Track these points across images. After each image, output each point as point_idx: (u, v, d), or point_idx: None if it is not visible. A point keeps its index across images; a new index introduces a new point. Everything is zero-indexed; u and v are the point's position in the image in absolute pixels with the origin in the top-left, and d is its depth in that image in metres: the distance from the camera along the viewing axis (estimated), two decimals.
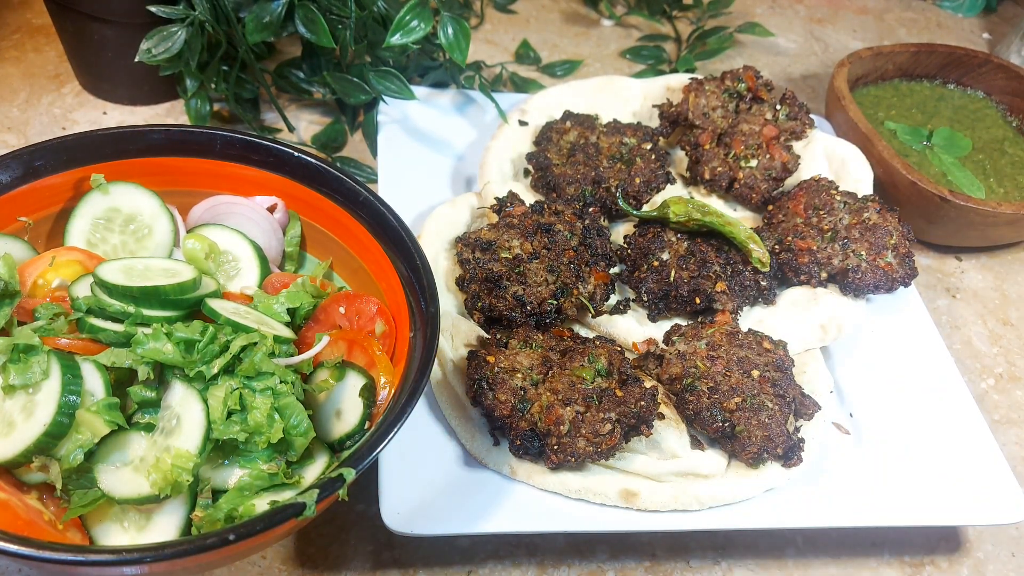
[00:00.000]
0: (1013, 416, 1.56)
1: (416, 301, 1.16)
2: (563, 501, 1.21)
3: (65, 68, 1.86)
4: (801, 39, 2.42)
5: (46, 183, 1.21)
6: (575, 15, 2.35)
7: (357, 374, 1.14)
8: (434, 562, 1.23)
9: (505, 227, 1.39)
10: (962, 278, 1.81)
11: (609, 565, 1.26)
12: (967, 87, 2.06)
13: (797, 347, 1.41)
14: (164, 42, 1.55)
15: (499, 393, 1.20)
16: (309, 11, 1.55)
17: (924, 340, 1.50)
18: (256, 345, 1.08)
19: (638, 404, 1.21)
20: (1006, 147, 1.93)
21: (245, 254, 1.27)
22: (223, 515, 1.01)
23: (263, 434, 1.04)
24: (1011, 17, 2.65)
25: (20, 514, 0.96)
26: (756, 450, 1.22)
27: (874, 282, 1.46)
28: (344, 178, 1.26)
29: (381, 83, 1.66)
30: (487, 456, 1.23)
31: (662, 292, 1.41)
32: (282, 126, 1.80)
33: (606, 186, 1.54)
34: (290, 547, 1.22)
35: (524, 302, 1.31)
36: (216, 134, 1.27)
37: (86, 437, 1.00)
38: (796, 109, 1.67)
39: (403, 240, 1.20)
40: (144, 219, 1.26)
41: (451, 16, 1.58)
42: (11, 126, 1.74)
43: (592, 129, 1.63)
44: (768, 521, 1.23)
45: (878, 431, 1.37)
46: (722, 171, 1.62)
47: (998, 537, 1.38)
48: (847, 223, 1.50)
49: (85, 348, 1.06)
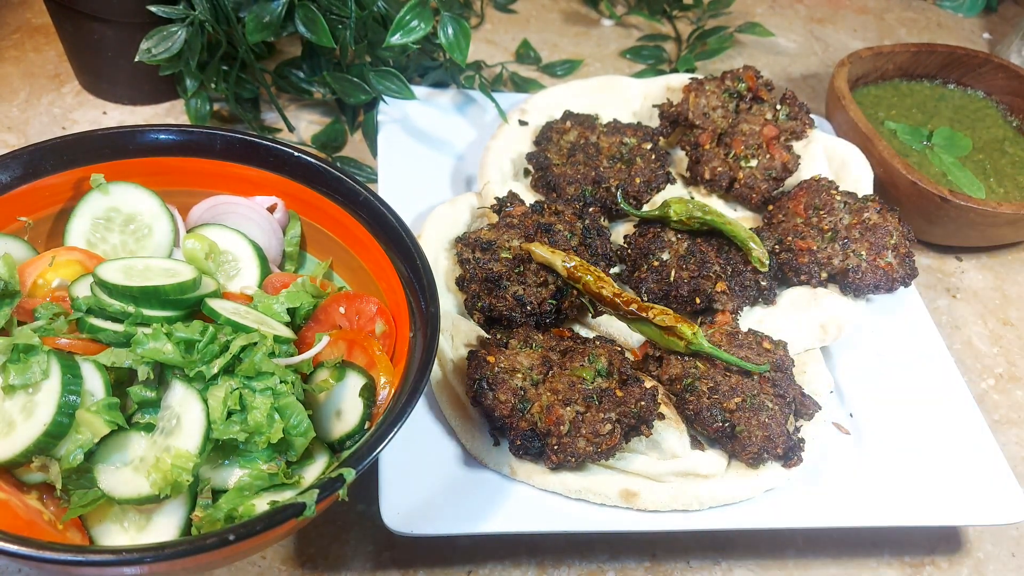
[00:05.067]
0: (1013, 416, 1.56)
1: (416, 301, 1.16)
2: (563, 501, 1.21)
3: (65, 68, 1.86)
4: (801, 39, 2.42)
5: (46, 183, 1.21)
6: (575, 15, 2.35)
7: (357, 374, 1.14)
8: (434, 562, 1.23)
9: (505, 227, 1.39)
10: (962, 278, 1.81)
11: (609, 565, 1.26)
12: (967, 87, 2.06)
13: (797, 347, 1.42)
14: (164, 42, 1.55)
15: (499, 393, 1.20)
16: (309, 11, 1.55)
17: (924, 340, 1.50)
18: (256, 345, 1.08)
19: (638, 404, 1.21)
20: (1006, 147, 1.93)
21: (245, 254, 1.27)
22: (223, 515, 1.01)
23: (263, 434, 1.04)
24: (1011, 17, 2.65)
25: (20, 514, 0.96)
26: (756, 450, 1.22)
27: (874, 282, 1.46)
28: (344, 178, 1.26)
29: (381, 83, 1.66)
30: (487, 456, 1.23)
31: (662, 292, 1.41)
32: (282, 126, 1.80)
33: (606, 186, 1.53)
34: (290, 547, 1.22)
35: (524, 302, 1.31)
36: (216, 134, 1.27)
37: (86, 437, 1.00)
38: (796, 109, 1.67)
39: (403, 240, 1.20)
40: (144, 219, 1.26)
41: (451, 16, 1.58)
42: (11, 126, 1.74)
43: (592, 129, 1.63)
44: (768, 521, 1.23)
45: (878, 431, 1.37)
46: (722, 171, 1.61)
47: (998, 537, 1.38)
48: (847, 223, 1.50)
49: (85, 348, 1.06)
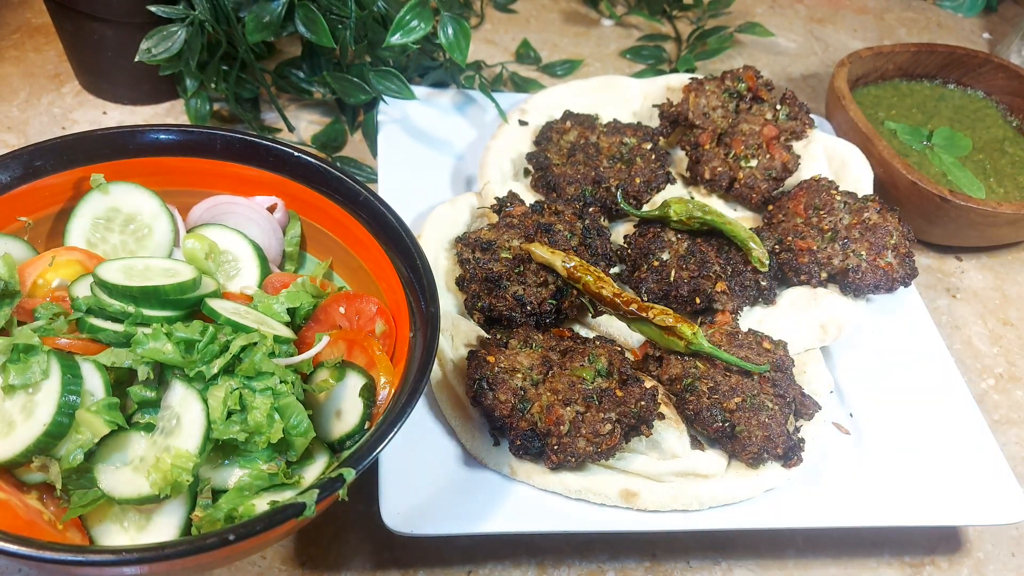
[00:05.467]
0: (1013, 416, 1.56)
1: (416, 301, 1.16)
2: (563, 501, 1.21)
3: (65, 68, 1.86)
4: (801, 39, 2.42)
5: (46, 183, 1.21)
6: (575, 15, 2.35)
7: (357, 374, 1.14)
8: (434, 562, 1.23)
9: (505, 227, 1.39)
10: (962, 278, 1.81)
11: (609, 565, 1.26)
12: (967, 87, 2.06)
13: (797, 347, 1.41)
14: (164, 42, 1.55)
15: (499, 393, 1.20)
16: (309, 11, 1.55)
17: (924, 340, 1.50)
18: (256, 345, 1.08)
19: (638, 404, 1.21)
20: (1006, 147, 1.93)
21: (245, 254, 1.27)
22: (223, 515, 1.01)
23: (263, 434, 1.04)
24: (1011, 17, 2.65)
25: (20, 514, 0.96)
26: (756, 450, 1.22)
27: (874, 282, 1.46)
28: (344, 178, 1.26)
29: (381, 83, 1.66)
30: (487, 456, 1.23)
31: (662, 292, 1.41)
32: (282, 126, 1.79)
33: (606, 186, 1.53)
34: (290, 547, 1.22)
35: (524, 302, 1.31)
36: (216, 134, 1.27)
37: (86, 437, 1.00)
38: (796, 109, 1.67)
39: (403, 240, 1.20)
40: (144, 219, 1.26)
41: (451, 16, 1.58)
42: (11, 126, 1.74)
43: (592, 129, 1.63)
44: (768, 521, 1.23)
45: (878, 431, 1.37)
46: (722, 171, 1.61)
47: (998, 537, 1.38)
48: (847, 223, 1.50)
49: (85, 348, 1.06)
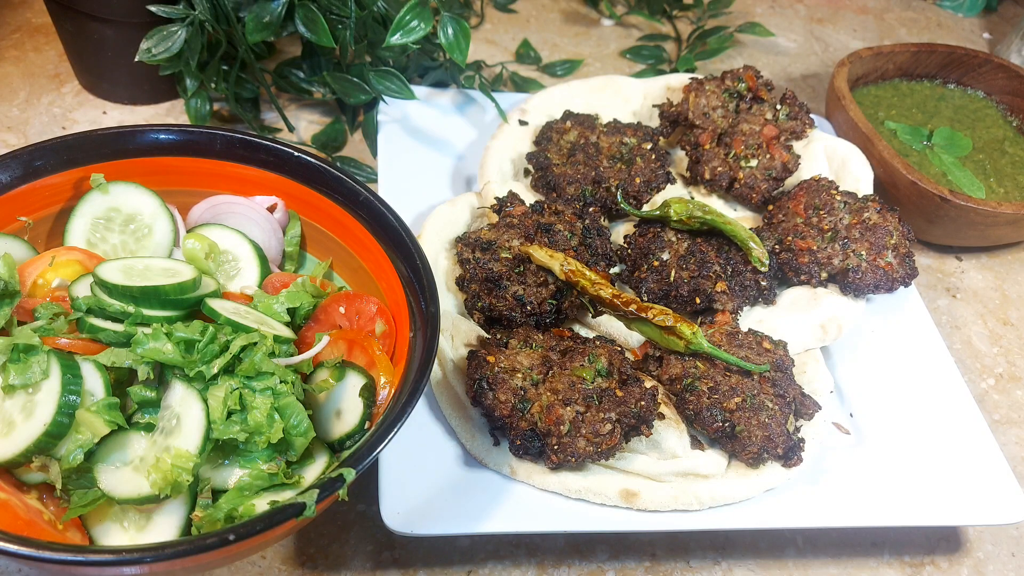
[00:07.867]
0: (1013, 416, 1.56)
1: (416, 301, 1.16)
2: (563, 501, 1.21)
3: (65, 68, 1.86)
4: (801, 39, 2.42)
5: (46, 183, 1.21)
6: (575, 15, 2.35)
7: (357, 374, 1.14)
8: (434, 562, 1.23)
9: (505, 227, 1.39)
10: (962, 278, 1.81)
11: (609, 565, 1.26)
12: (967, 87, 2.06)
13: (797, 347, 1.41)
14: (164, 42, 1.55)
15: (499, 393, 1.20)
16: (309, 11, 1.55)
17: (924, 340, 1.50)
18: (256, 345, 1.08)
19: (638, 404, 1.21)
20: (1006, 147, 1.93)
21: (245, 254, 1.27)
22: (223, 515, 1.01)
23: (263, 434, 1.04)
24: (1011, 17, 2.65)
25: (20, 514, 0.96)
26: (756, 450, 1.22)
27: (874, 282, 1.46)
28: (344, 178, 1.26)
29: (381, 83, 1.66)
30: (487, 456, 1.23)
31: (662, 292, 1.41)
32: (282, 126, 1.79)
33: (606, 186, 1.53)
34: (290, 547, 1.22)
35: (524, 302, 1.31)
36: (216, 134, 1.27)
37: (86, 437, 1.00)
38: (796, 109, 1.67)
39: (403, 240, 1.20)
40: (144, 219, 1.26)
41: (451, 16, 1.58)
42: (11, 126, 1.74)
43: (592, 129, 1.63)
44: (768, 521, 1.23)
45: (878, 431, 1.37)
46: (722, 171, 1.61)
47: (998, 537, 1.38)
48: (847, 223, 1.50)
49: (85, 348, 1.06)
